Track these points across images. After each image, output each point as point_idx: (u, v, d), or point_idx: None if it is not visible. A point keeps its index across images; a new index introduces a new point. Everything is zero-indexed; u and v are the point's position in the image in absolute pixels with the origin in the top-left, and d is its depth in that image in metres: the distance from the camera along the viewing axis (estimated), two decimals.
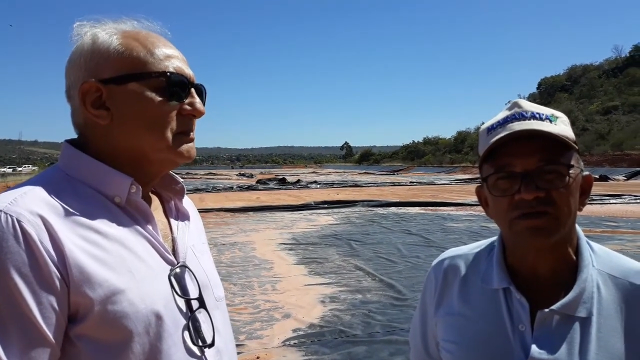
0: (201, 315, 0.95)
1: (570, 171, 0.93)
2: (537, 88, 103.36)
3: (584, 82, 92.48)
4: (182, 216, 1.06)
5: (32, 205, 0.81)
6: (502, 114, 1.00)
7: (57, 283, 0.78)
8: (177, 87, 0.93)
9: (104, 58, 0.92)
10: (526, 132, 0.92)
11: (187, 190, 1.10)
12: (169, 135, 0.92)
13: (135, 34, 0.95)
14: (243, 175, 57.90)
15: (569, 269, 0.99)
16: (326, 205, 17.20)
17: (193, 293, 0.95)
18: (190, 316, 0.93)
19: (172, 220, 1.03)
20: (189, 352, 0.90)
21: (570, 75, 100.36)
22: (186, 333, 0.91)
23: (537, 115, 0.95)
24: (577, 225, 1.02)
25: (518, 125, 0.95)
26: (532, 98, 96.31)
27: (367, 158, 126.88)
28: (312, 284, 6.64)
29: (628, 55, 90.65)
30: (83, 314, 0.80)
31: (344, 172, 70.43)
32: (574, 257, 0.99)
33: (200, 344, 0.92)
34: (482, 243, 1.15)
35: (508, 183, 0.94)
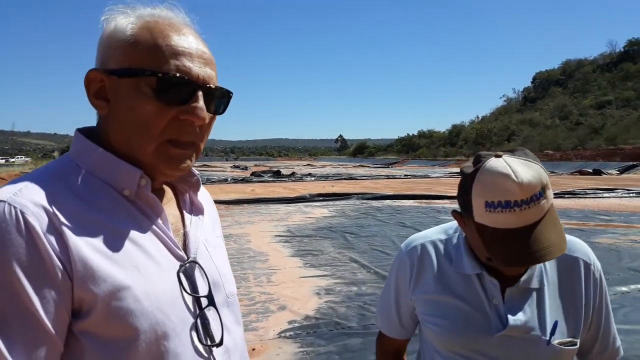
0: (210, 313, 0.91)
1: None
2: (532, 82, 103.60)
3: (578, 76, 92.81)
4: (197, 210, 1.02)
5: (37, 196, 0.78)
6: (501, 189, 1.01)
7: (61, 277, 0.75)
8: (174, 89, 0.84)
9: (114, 47, 0.86)
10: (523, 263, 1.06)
11: None
12: (155, 140, 0.85)
13: (153, 23, 0.87)
14: (237, 167, 57.48)
15: None
16: (321, 198, 17.13)
17: (203, 290, 0.91)
18: (199, 314, 0.89)
19: (185, 214, 0.99)
20: (197, 351, 0.87)
21: (564, 70, 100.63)
22: (194, 332, 0.87)
23: (530, 201, 1.01)
24: None
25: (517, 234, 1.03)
26: (527, 92, 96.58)
27: (362, 151, 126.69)
28: (308, 276, 6.63)
29: (622, 50, 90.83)
30: (87, 310, 0.77)
31: (339, 164, 70.32)
32: None
33: (209, 343, 0.89)
34: (446, 227, 1.33)
35: None
